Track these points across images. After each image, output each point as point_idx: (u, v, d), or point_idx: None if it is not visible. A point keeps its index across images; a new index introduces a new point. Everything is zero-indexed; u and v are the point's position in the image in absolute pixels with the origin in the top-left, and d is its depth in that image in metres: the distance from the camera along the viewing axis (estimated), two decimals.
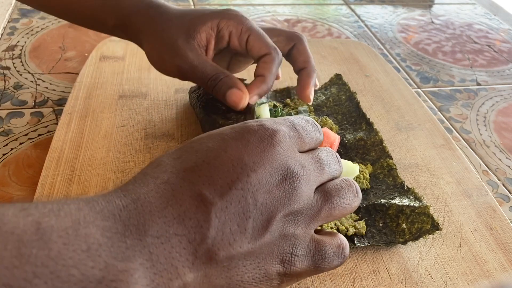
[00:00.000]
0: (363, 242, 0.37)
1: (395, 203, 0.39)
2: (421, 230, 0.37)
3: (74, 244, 0.19)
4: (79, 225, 0.20)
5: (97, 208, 0.21)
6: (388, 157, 0.44)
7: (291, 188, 0.25)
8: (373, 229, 0.38)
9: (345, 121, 0.49)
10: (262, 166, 0.25)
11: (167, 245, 0.21)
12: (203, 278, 0.22)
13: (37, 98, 0.55)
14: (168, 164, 0.25)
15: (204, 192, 0.23)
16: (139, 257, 0.20)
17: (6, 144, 0.48)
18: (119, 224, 0.21)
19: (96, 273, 0.19)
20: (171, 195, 0.23)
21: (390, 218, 0.38)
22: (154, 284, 0.21)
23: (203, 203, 0.23)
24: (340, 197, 0.28)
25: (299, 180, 0.25)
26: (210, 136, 0.26)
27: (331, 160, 0.29)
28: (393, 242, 0.37)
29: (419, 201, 0.39)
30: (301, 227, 0.26)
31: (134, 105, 0.51)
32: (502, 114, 0.61)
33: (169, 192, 0.23)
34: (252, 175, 0.24)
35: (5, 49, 0.63)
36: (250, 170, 0.24)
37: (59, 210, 0.20)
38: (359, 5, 0.89)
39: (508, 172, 0.51)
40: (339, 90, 0.53)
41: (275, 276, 0.25)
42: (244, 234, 0.23)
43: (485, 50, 0.77)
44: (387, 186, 0.42)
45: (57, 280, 0.18)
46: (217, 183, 0.23)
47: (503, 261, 0.38)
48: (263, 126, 0.26)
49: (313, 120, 0.31)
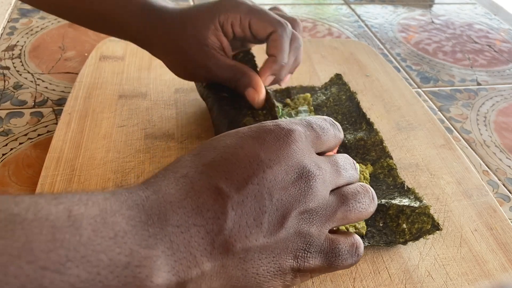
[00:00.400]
0: (363, 242, 0.37)
1: (395, 203, 0.39)
2: (421, 230, 0.37)
3: (102, 231, 0.20)
4: (106, 214, 0.21)
5: (122, 199, 0.22)
6: (388, 157, 0.44)
7: (306, 187, 0.26)
8: (373, 229, 0.38)
9: (345, 121, 0.49)
10: (278, 163, 0.25)
11: (186, 234, 0.22)
12: (220, 268, 0.23)
13: (37, 98, 0.55)
14: (188, 160, 0.26)
15: (221, 186, 0.24)
16: (160, 245, 0.22)
17: (6, 144, 0.48)
18: (142, 213, 0.22)
19: (122, 258, 0.20)
20: (190, 188, 0.24)
21: (390, 218, 0.38)
22: (174, 271, 0.22)
23: (220, 196, 0.24)
24: (357, 201, 0.28)
25: (314, 179, 0.26)
26: (228, 135, 0.27)
27: (348, 165, 0.30)
28: (393, 242, 0.37)
29: (419, 201, 0.39)
30: (316, 226, 0.26)
31: (134, 105, 0.51)
32: (502, 114, 0.61)
33: (188, 185, 0.24)
34: (268, 171, 0.25)
35: (4, 49, 0.63)
36: (266, 167, 0.25)
37: (88, 200, 0.21)
38: (359, 5, 0.88)
39: (508, 172, 0.51)
40: (339, 90, 0.53)
41: (288, 270, 0.26)
42: (260, 228, 0.24)
43: (486, 50, 0.77)
44: (387, 186, 0.42)
45: (88, 264, 0.19)
46: (234, 177, 0.24)
47: (504, 261, 0.38)
48: (279, 126, 0.27)
49: (331, 119, 0.31)
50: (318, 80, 0.58)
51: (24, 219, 0.19)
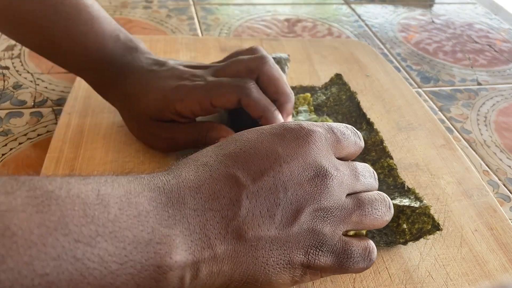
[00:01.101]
0: None
1: (396, 203, 0.39)
2: (421, 231, 0.37)
3: (127, 210, 0.22)
4: (131, 195, 0.23)
5: (144, 182, 0.24)
6: (388, 157, 0.44)
7: (322, 185, 0.27)
8: (374, 230, 0.38)
9: (345, 121, 0.49)
10: (295, 159, 0.26)
11: (202, 217, 0.24)
12: (232, 252, 0.24)
13: (37, 98, 0.55)
14: (209, 150, 0.28)
15: (238, 175, 0.25)
16: (179, 225, 0.23)
17: (5, 144, 0.48)
18: (162, 195, 0.24)
19: (145, 235, 0.22)
20: (209, 175, 0.25)
21: None
22: (190, 251, 0.23)
23: (237, 185, 0.25)
24: (373, 207, 0.29)
25: (331, 179, 0.27)
26: (251, 131, 0.29)
27: (367, 173, 0.31)
28: (393, 242, 0.37)
29: (420, 201, 0.39)
30: (330, 226, 0.27)
31: None
32: (502, 114, 0.61)
33: (207, 172, 0.26)
34: (285, 166, 0.26)
35: (4, 49, 0.63)
36: (283, 162, 0.26)
37: (113, 181, 0.23)
38: (360, 4, 0.88)
39: (509, 172, 0.51)
40: (339, 90, 0.53)
41: (298, 266, 0.26)
42: (272, 220, 0.25)
43: (486, 50, 0.77)
44: (388, 186, 0.42)
45: (115, 240, 0.21)
46: (251, 168, 0.26)
47: (504, 262, 0.38)
48: (300, 125, 0.28)
49: (353, 128, 0.31)
50: (318, 80, 0.58)
51: (58, 196, 0.21)
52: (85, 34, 0.41)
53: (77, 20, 0.41)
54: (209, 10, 0.80)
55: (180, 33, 0.72)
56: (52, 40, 0.42)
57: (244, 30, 0.75)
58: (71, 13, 0.41)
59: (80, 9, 0.41)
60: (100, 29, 0.42)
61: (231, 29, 0.75)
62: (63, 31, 0.41)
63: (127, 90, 0.42)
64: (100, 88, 0.45)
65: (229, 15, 0.79)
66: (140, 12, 0.77)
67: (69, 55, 0.43)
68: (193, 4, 0.81)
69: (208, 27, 0.74)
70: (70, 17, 0.41)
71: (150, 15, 0.76)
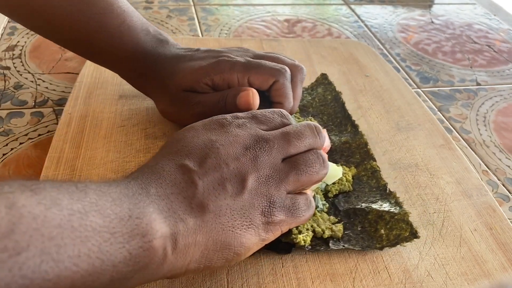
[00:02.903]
0: (338, 245, 0.37)
1: (375, 208, 0.39)
2: (399, 237, 0.37)
3: (103, 197, 0.25)
4: (103, 187, 0.26)
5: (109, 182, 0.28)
6: (372, 160, 0.44)
7: (254, 155, 0.32)
8: (351, 233, 0.38)
9: (330, 122, 0.49)
10: (227, 141, 0.32)
11: (167, 201, 0.28)
12: (201, 222, 0.28)
13: (37, 98, 0.55)
14: (157, 155, 0.32)
15: (186, 163, 0.30)
16: (150, 206, 0.27)
17: (6, 144, 0.48)
18: (128, 190, 0.27)
19: (124, 213, 0.25)
20: (162, 171, 0.30)
21: (369, 223, 0.38)
22: (166, 223, 0.27)
23: (187, 171, 0.30)
24: (307, 165, 0.33)
25: (260, 149, 0.32)
26: (186, 129, 0.34)
27: (304, 133, 0.34)
28: (369, 247, 0.37)
29: (399, 207, 0.39)
30: (273, 187, 0.32)
31: (134, 105, 0.51)
32: (501, 114, 0.61)
33: (160, 169, 0.30)
34: (221, 148, 0.31)
35: (5, 49, 0.63)
36: (219, 145, 0.31)
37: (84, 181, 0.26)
38: (359, 5, 0.89)
39: (508, 172, 0.51)
40: (325, 90, 0.53)
41: (259, 224, 0.31)
42: (225, 190, 0.30)
43: (485, 50, 0.77)
44: (370, 188, 0.42)
45: (101, 215, 0.24)
46: (195, 157, 0.30)
47: (503, 261, 0.38)
48: (223, 116, 0.34)
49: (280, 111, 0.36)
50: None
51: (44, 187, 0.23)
52: (118, 27, 0.43)
53: (110, 14, 0.43)
54: (209, 10, 0.80)
55: (181, 33, 0.72)
56: (87, 34, 0.43)
57: (244, 31, 0.75)
58: (104, 7, 0.43)
59: (112, 3, 0.43)
60: (132, 22, 0.44)
61: (231, 29, 0.75)
62: (98, 25, 0.43)
63: (163, 72, 0.44)
64: (136, 80, 0.47)
65: (229, 15, 0.79)
66: (140, 13, 0.76)
67: (105, 49, 0.44)
68: (194, 5, 0.82)
69: (208, 28, 0.75)
70: (104, 11, 0.43)
71: (150, 16, 0.76)
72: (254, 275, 0.35)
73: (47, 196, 0.23)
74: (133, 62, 0.45)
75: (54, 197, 0.23)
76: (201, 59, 0.43)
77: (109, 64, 0.47)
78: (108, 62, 0.47)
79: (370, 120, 0.52)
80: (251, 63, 0.42)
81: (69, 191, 0.24)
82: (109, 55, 0.45)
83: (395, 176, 0.45)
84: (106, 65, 0.47)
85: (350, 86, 0.58)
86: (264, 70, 0.42)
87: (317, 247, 0.36)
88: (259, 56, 0.45)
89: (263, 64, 0.42)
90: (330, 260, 0.37)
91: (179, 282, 0.34)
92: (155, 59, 0.44)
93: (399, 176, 0.45)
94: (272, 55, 0.45)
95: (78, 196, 0.24)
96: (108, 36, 0.43)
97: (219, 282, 0.34)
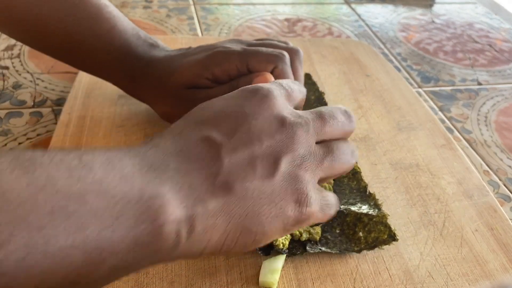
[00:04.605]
0: (316, 248, 0.36)
1: (354, 210, 0.39)
2: (377, 240, 0.37)
3: (112, 172, 0.22)
4: (113, 160, 0.23)
5: (124, 150, 0.25)
6: None
7: (291, 132, 0.28)
8: (329, 236, 0.38)
9: None
10: (261, 115, 0.28)
11: (188, 177, 0.25)
12: (223, 205, 0.25)
13: (36, 98, 0.55)
14: (181, 122, 0.29)
15: (213, 136, 0.26)
16: (166, 184, 0.24)
17: (5, 144, 0.48)
18: (144, 161, 0.24)
19: (135, 193, 0.22)
20: (185, 141, 0.26)
21: (347, 225, 0.38)
22: (182, 205, 0.24)
23: (214, 144, 0.26)
24: (342, 152, 0.31)
25: (297, 126, 0.29)
26: (215, 99, 0.30)
27: (338, 114, 0.32)
28: (347, 250, 0.37)
29: (378, 209, 0.39)
30: (309, 172, 0.28)
31: (133, 105, 0.51)
32: (503, 114, 0.61)
33: (183, 139, 0.27)
34: (254, 122, 0.28)
35: (4, 49, 0.63)
36: (252, 118, 0.28)
37: (93, 151, 0.23)
38: (360, 4, 0.88)
39: (509, 172, 0.51)
40: (308, 90, 0.52)
41: (290, 214, 0.27)
42: (254, 171, 0.26)
43: (486, 50, 0.77)
44: (351, 189, 0.42)
45: (105, 196, 0.21)
46: (224, 129, 0.27)
47: (504, 262, 0.38)
48: (257, 86, 0.30)
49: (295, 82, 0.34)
50: (319, 79, 0.58)
51: (42, 162, 0.21)
52: (109, 31, 0.43)
53: (100, 18, 0.42)
54: (209, 10, 0.80)
55: (180, 33, 0.72)
56: (77, 39, 0.42)
57: (244, 30, 0.75)
58: (93, 11, 0.42)
59: (101, 8, 0.42)
60: (122, 26, 0.43)
61: (231, 29, 0.75)
62: (88, 29, 0.42)
63: (158, 73, 0.43)
64: (129, 85, 0.46)
65: (229, 15, 0.79)
66: (140, 12, 0.77)
67: (95, 54, 0.43)
68: (193, 4, 0.81)
69: (208, 27, 0.74)
70: (93, 15, 0.42)
71: (150, 15, 0.76)
72: (254, 275, 0.35)
73: (42, 174, 0.20)
74: (125, 66, 0.44)
75: (50, 176, 0.20)
76: (196, 53, 0.43)
77: (100, 70, 0.46)
78: (99, 69, 0.46)
79: (371, 120, 0.52)
80: (248, 51, 0.41)
81: (71, 167, 0.21)
82: (100, 61, 0.44)
83: (396, 176, 0.45)
84: (97, 72, 0.46)
85: (351, 86, 0.58)
86: (263, 56, 0.41)
87: (294, 250, 0.36)
88: (253, 44, 0.44)
89: (261, 50, 0.41)
90: (331, 260, 0.37)
91: (178, 284, 0.34)
92: (147, 62, 0.44)
93: (400, 176, 0.45)
94: (266, 42, 0.44)
95: (80, 173, 0.21)
96: (98, 41, 0.42)
97: (218, 283, 0.34)
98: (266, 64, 0.41)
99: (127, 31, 0.44)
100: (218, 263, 0.36)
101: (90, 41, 0.42)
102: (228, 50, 0.41)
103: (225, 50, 0.41)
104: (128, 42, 0.43)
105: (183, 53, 0.44)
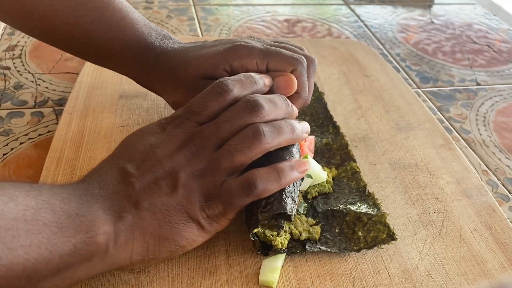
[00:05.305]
0: (315, 248, 0.37)
1: (354, 209, 0.39)
2: (376, 239, 0.37)
3: (54, 196, 0.29)
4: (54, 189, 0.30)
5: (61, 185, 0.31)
6: (352, 161, 0.44)
7: (188, 152, 0.33)
8: (328, 235, 0.38)
9: (312, 122, 0.49)
10: (164, 142, 0.34)
11: (108, 200, 0.31)
12: (137, 219, 0.31)
13: (38, 98, 0.55)
14: (105, 160, 0.35)
15: (126, 167, 0.32)
16: (95, 205, 0.30)
17: (6, 144, 0.48)
18: (76, 191, 0.31)
19: (72, 211, 0.29)
20: (105, 174, 0.32)
21: (347, 225, 0.38)
22: (109, 221, 0.30)
23: (126, 173, 0.32)
24: (238, 143, 0.33)
25: (194, 145, 0.33)
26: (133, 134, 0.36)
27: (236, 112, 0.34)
28: (347, 249, 0.37)
29: (377, 209, 0.39)
30: (208, 180, 0.33)
31: (134, 105, 0.51)
32: (501, 114, 0.61)
33: (104, 173, 0.33)
34: (157, 150, 0.33)
35: (5, 49, 0.63)
36: (155, 148, 0.33)
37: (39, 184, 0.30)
38: (359, 5, 0.89)
39: (507, 172, 0.51)
40: None
41: (199, 218, 0.32)
42: (160, 189, 0.32)
43: (485, 50, 0.77)
44: (350, 189, 0.42)
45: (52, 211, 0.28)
46: (134, 160, 0.33)
47: (503, 261, 0.38)
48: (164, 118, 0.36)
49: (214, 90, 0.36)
50: (318, 80, 0.58)
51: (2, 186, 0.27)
52: (120, 21, 0.43)
53: (111, 8, 0.43)
54: (209, 10, 0.80)
55: (181, 33, 0.72)
56: (88, 29, 0.43)
57: (244, 31, 0.75)
58: (105, 1, 0.43)
59: None
60: (134, 17, 0.44)
61: (231, 29, 0.75)
62: (99, 19, 0.42)
63: (173, 63, 0.43)
64: (139, 75, 0.46)
65: (229, 15, 0.79)
66: (140, 13, 0.77)
67: (106, 44, 0.44)
68: (193, 5, 0.82)
69: (208, 28, 0.75)
70: (104, 5, 0.43)
71: (150, 16, 0.77)
72: (254, 274, 0.35)
73: (6, 192, 0.27)
74: (137, 56, 0.44)
75: (11, 194, 0.27)
76: (215, 46, 0.43)
77: (110, 60, 0.46)
78: (109, 59, 0.46)
79: (370, 120, 0.52)
80: (270, 50, 0.42)
81: (25, 189, 0.28)
82: (111, 50, 0.44)
83: (395, 176, 0.45)
84: (107, 62, 0.46)
85: (350, 86, 0.58)
86: (284, 58, 0.41)
87: (293, 250, 0.36)
88: (274, 44, 0.44)
89: (282, 52, 0.42)
90: (330, 260, 0.37)
91: (179, 282, 0.34)
92: (160, 52, 0.44)
93: (399, 176, 0.45)
94: (285, 45, 0.44)
95: (33, 194, 0.28)
96: (110, 30, 0.43)
97: (219, 282, 0.34)
98: (286, 65, 0.41)
99: (138, 21, 0.44)
100: (219, 262, 0.36)
101: (102, 31, 0.43)
102: (250, 46, 0.42)
103: (248, 45, 0.42)
104: (140, 32, 0.44)
105: (200, 45, 0.44)
